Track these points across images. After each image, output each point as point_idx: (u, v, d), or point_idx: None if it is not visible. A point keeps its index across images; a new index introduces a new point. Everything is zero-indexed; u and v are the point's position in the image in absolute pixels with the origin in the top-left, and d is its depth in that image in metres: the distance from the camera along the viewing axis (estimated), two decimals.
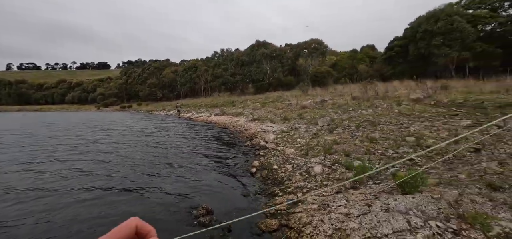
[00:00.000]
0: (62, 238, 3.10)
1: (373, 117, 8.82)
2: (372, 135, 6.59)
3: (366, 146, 5.84)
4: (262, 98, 24.68)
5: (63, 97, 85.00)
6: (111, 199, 4.21)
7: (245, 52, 46.58)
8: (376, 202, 3.17)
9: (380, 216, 2.85)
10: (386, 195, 3.35)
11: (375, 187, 3.75)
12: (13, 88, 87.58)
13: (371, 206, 3.13)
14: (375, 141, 6.14)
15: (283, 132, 8.99)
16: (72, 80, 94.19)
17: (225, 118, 17.57)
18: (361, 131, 7.33)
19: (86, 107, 69.10)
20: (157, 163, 6.64)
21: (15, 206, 3.97)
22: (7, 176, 5.57)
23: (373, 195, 3.43)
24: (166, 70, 68.33)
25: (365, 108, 10.84)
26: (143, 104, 57.20)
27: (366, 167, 4.27)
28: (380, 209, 2.99)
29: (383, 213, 2.90)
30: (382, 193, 3.43)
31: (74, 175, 5.60)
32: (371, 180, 4.08)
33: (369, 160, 4.92)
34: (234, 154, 7.46)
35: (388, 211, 2.93)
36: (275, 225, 3.15)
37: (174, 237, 3.09)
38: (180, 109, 30.05)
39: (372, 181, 4.02)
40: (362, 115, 9.48)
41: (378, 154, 5.28)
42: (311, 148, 6.37)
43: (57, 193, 4.49)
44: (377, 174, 4.27)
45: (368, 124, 7.97)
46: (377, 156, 5.17)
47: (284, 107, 16.01)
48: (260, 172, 5.37)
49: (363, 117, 9.14)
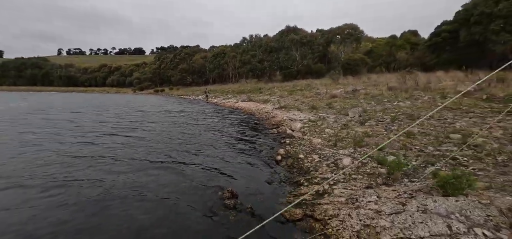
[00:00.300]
0: (116, 202, 3.51)
1: (411, 110, 8.10)
2: (409, 129, 6.07)
3: (402, 141, 5.40)
4: (289, 86, 24.21)
5: (104, 80, 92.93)
6: (151, 171, 4.72)
7: (274, 38, 45.75)
8: (412, 202, 2.93)
9: (415, 217, 2.63)
10: (423, 195, 3.08)
11: (411, 185, 3.47)
12: (63, 72, 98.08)
13: (405, 205, 2.90)
14: (412, 135, 5.65)
15: (310, 121, 8.75)
16: (111, 65, 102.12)
17: (251, 104, 17.66)
18: (396, 124, 6.80)
19: (123, 90, 74.87)
20: (188, 142, 7.13)
21: (85, 170, 4.65)
22: (73, 147, 6.35)
23: (408, 194, 3.18)
24: (196, 56, 70.39)
25: (403, 99, 9.99)
26: (174, 89, 60.09)
27: (402, 163, 3.96)
28: (416, 209, 2.76)
29: (419, 214, 2.68)
30: (419, 193, 3.16)
31: (121, 148, 6.43)
32: (406, 177, 3.78)
33: (404, 156, 4.56)
34: (260, 140, 7.49)
35: (425, 212, 2.69)
36: (299, 214, 3.11)
37: (201, 215, 3.23)
38: (208, 94, 30.95)
39: (408, 179, 3.72)
40: (398, 107, 8.77)
41: (415, 150, 4.86)
42: (340, 139, 6.10)
43: (110, 161, 5.30)
44: (413, 171, 3.94)
45: (406, 117, 7.35)
46: (414, 152, 4.76)
47: (313, 95, 15.52)
48: (286, 160, 5.32)
49: (400, 109, 8.45)
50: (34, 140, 7.23)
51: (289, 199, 3.60)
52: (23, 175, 4.47)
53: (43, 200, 3.57)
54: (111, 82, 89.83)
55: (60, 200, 3.56)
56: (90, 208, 3.35)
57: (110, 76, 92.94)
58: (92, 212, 3.24)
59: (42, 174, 4.49)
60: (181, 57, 74.91)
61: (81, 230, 2.88)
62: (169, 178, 4.44)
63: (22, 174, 4.49)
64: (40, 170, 4.72)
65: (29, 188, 3.93)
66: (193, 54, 73.93)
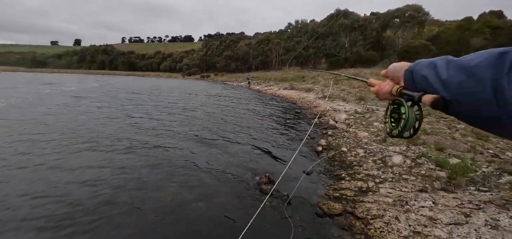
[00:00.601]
0: (176, 164, 4.19)
1: None
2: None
3: (470, 142, 4.60)
4: (335, 74, 22.77)
5: (158, 66, 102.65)
6: (201, 147, 5.41)
7: (321, 23, 43.26)
8: (479, 214, 2.50)
9: (482, 232, 2.24)
10: (495, 208, 2.59)
11: (479, 195, 2.94)
12: (125, 58, 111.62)
13: (470, 216, 2.49)
14: (485, 137, 4.75)
15: (357, 113, 8.13)
16: (165, 52, 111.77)
17: (293, 93, 17.28)
18: (464, 123, 5.79)
19: (174, 75, 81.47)
20: (231, 125, 7.64)
21: (154, 138, 5.72)
22: (142, 120, 7.38)
23: (474, 204, 2.71)
24: (240, 43, 71.64)
25: None
26: (219, 75, 62.73)
27: (468, 167, 3.39)
28: (484, 224, 2.34)
29: (487, 229, 2.26)
30: (489, 204, 2.67)
31: (179, 125, 7.51)
32: (472, 184, 3.22)
33: (472, 160, 3.88)
34: (300, 130, 7.32)
35: (496, 228, 2.26)
36: (338, 209, 2.96)
37: (237, 197, 3.36)
38: (251, 81, 31.40)
39: (475, 187, 3.17)
40: None
41: (488, 155, 4.08)
42: None
43: (171, 134, 6.40)
44: (483, 178, 3.33)
45: None
46: (486, 157, 4.01)
47: (361, 86, 14.30)
48: (327, 152, 5.09)
49: None
50: (110, 113, 8.67)
51: (328, 192, 3.46)
52: (109, 139, 5.69)
53: (124, 160, 4.43)
54: (164, 67, 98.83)
55: (137, 160, 4.46)
56: (157, 170, 4.11)
57: (163, 62, 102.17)
58: (157, 173, 4.00)
59: (125, 138, 5.71)
60: (226, 44, 77.26)
61: (148, 182, 3.72)
62: (214, 155, 4.94)
63: (109, 138, 5.73)
64: (123, 135, 5.82)
65: (116, 149, 5.05)
66: (237, 41, 75.43)
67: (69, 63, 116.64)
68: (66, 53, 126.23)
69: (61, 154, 4.64)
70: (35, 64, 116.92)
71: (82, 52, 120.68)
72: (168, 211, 2.96)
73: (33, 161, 4.27)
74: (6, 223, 2.63)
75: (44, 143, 5.22)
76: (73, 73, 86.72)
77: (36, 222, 2.67)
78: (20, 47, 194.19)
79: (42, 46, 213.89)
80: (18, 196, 3.17)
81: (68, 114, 8.67)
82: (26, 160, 4.32)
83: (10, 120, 7.42)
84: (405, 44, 28.72)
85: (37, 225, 2.62)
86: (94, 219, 2.74)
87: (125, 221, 2.76)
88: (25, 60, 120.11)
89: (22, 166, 4.08)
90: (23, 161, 4.27)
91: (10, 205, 2.97)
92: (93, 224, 2.67)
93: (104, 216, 2.81)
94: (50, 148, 4.93)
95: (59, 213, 2.83)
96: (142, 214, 2.89)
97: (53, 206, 2.96)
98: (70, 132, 6.24)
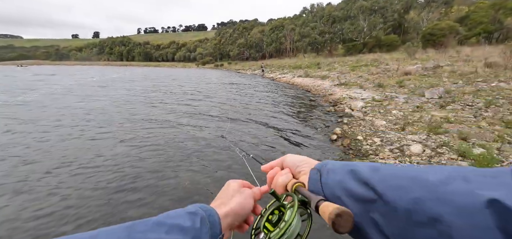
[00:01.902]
0: (186, 145, 4.12)
1: None
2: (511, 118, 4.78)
3: (497, 131, 4.33)
4: (352, 61, 21.98)
5: (173, 56, 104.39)
6: (221, 131, 5.83)
7: (338, 6, 41.40)
8: None
9: None
10: None
11: None
12: (141, 48, 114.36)
13: None
14: None
15: (374, 101, 7.87)
16: (179, 42, 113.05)
17: (308, 80, 16.96)
18: (492, 111, 5.43)
19: (188, 65, 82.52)
20: (246, 112, 7.84)
21: (185, 119, 6.29)
22: (173, 106, 7.70)
23: None
24: (253, 30, 70.67)
25: (507, 80, 7.81)
26: (232, 63, 62.65)
27: (494, 158, 3.22)
28: None
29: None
30: None
31: (204, 110, 8.20)
32: None
33: (499, 150, 3.66)
34: (315, 117, 7.24)
35: None
36: None
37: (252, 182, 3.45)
38: (264, 69, 31.12)
39: None
40: (499, 89, 6.93)
41: None
42: (410, 123, 5.32)
43: (201, 116, 7.05)
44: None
45: (508, 102, 5.78)
46: None
47: (380, 72, 13.73)
48: (342, 140, 5.02)
49: (501, 91, 6.67)
50: (133, 100, 9.02)
51: None
52: (142, 121, 6.45)
53: (158, 136, 4.90)
54: (178, 57, 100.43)
55: (169, 137, 5.20)
56: (188, 144, 4.89)
57: (178, 52, 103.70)
58: (188, 147, 4.65)
59: (158, 118, 6.66)
60: (239, 32, 76.58)
61: (181, 157, 4.17)
62: (230, 141, 5.03)
63: (142, 120, 6.56)
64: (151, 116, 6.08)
65: (149, 125, 6.08)
66: (251, 28, 74.44)
67: (90, 55, 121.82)
68: (86, 46, 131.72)
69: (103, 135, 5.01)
70: (59, 57, 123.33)
71: (100, 44, 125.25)
72: (185, 196, 3.12)
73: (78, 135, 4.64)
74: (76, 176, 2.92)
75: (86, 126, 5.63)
76: (93, 65, 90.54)
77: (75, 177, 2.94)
78: (44, 41, 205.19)
79: (64, 39, 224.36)
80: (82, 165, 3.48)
81: (107, 100, 9.24)
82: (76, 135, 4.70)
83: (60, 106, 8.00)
84: (430, 26, 26.84)
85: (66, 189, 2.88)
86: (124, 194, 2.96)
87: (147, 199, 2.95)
88: (49, 53, 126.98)
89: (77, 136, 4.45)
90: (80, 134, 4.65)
91: (80, 166, 3.27)
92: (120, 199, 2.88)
93: (128, 191, 3.02)
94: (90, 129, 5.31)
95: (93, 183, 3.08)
96: (162, 194, 3.07)
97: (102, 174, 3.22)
98: (102, 116, 6.74)
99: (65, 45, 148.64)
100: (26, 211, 2.76)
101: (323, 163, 0.48)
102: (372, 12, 34.76)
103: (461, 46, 20.06)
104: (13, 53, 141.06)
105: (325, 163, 0.47)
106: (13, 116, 7.19)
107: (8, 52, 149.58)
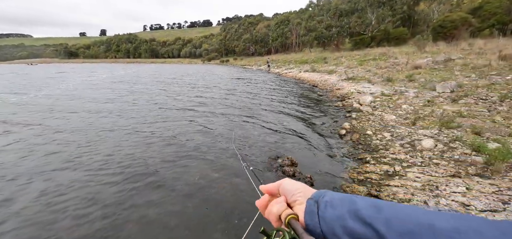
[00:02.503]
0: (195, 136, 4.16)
1: None
2: None
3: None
4: (360, 55, 21.59)
5: (179, 52, 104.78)
6: (230, 124, 5.58)
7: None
8: None
9: None
10: None
11: None
12: (148, 45, 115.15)
13: (508, 203, 2.34)
14: None
15: (383, 95, 7.74)
16: (184, 38, 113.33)
17: (315, 75, 16.79)
18: (507, 105, 5.28)
19: (194, 61, 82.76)
20: (253, 107, 7.89)
21: (198, 108, 5.92)
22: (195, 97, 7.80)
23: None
24: (259, 25, 70.15)
25: None
26: (238, 59, 62.49)
27: (509, 152, 3.14)
28: None
29: None
30: None
31: (219, 103, 8.25)
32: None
33: None
34: (322, 113, 7.19)
35: None
36: (362, 192, 2.94)
37: (260, 177, 3.45)
38: (270, 64, 30.95)
39: None
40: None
41: None
42: (421, 118, 5.22)
43: (213, 108, 6.96)
44: None
45: None
46: None
47: (388, 66, 13.46)
48: (350, 135, 4.98)
49: None
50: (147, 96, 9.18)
51: (352, 175, 3.43)
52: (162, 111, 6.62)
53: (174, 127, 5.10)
54: (184, 53, 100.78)
55: (185, 128, 5.26)
56: (201, 135, 5.21)
57: (183, 48, 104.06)
58: (200, 139, 4.51)
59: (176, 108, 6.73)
60: (244, 27, 76.14)
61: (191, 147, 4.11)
62: (238, 136, 5.13)
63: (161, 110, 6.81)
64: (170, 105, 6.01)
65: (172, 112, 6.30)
66: (256, 23, 73.91)
67: (97, 52, 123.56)
68: (94, 43, 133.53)
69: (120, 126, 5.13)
70: (68, 55, 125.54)
71: (107, 41, 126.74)
72: (196, 189, 3.16)
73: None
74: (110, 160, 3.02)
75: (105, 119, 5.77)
76: (101, 62, 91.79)
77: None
78: (53, 39, 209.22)
79: (72, 38, 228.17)
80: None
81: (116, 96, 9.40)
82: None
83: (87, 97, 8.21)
84: (441, 19, 26.04)
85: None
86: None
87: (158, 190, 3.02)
88: (58, 52, 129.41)
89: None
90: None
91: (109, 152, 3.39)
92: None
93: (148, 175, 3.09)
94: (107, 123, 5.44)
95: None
96: (174, 188, 3.12)
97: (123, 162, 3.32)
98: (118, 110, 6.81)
99: (73, 43, 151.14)
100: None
101: (321, 193, 0.46)
102: (380, 5, 33.95)
103: (474, 38, 19.41)
104: (24, 52, 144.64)
105: (323, 194, 0.45)
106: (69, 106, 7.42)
107: (19, 50, 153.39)
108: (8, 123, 6.20)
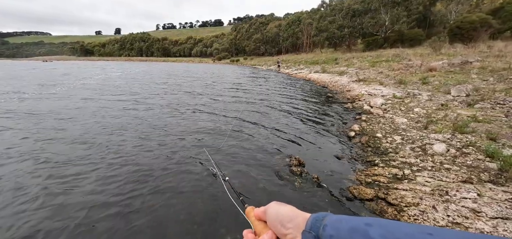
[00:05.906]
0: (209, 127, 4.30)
1: None
2: None
3: None
4: (372, 56, 21.18)
5: (190, 51, 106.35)
6: (240, 123, 5.68)
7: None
8: None
9: None
10: None
11: None
12: (160, 44, 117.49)
13: None
14: None
15: (395, 98, 7.60)
16: (196, 37, 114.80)
17: (325, 76, 16.63)
18: None
19: (205, 60, 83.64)
20: (261, 106, 8.03)
21: (220, 105, 6.25)
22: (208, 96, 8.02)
23: None
24: (270, 25, 70.00)
25: None
26: (248, 59, 62.64)
27: None
28: None
29: None
30: None
31: (231, 101, 8.32)
32: None
33: None
34: (332, 114, 7.14)
35: None
36: (370, 194, 2.93)
37: (268, 176, 3.49)
38: (280, 64, 30.90)
39: None
40: None
41: None
42: (433, 122, 5.10)
43: (225, 106, 7.02)
44: None
45: None
46: None
47: (401, 68, 13.15)
48: (359, 137, 4.94)
49: None
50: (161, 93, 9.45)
51: (360, 177, 3.42)
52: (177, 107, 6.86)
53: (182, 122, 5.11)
54: (195, 52, 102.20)
55: (199, 124, 5.25)
56: (212, 133, 5.21)
57: (195, 47, 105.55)
58: (210, 138, 4.66)
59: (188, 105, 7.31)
60: (255, 27, 76.18)
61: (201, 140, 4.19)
62: (247, 136, 5.20)
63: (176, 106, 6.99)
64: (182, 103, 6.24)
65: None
66: (267, 23, 73.79)
67: (111, 50, 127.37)
68: (109, 42, 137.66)
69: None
70: (84, 52, 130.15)
71: (122, 40, 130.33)
72: (205, 184, 3.25)
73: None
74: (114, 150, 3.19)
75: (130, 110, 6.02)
76: (116, 60, 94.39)
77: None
78: (70, 37, 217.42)
79: (88, 36, 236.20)
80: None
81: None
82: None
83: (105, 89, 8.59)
84: (458, 19, 25.08)
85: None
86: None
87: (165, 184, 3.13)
88: (75, 49, 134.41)
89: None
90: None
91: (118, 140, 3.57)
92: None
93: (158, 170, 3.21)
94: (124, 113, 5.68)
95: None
96: (182, 182, 3.23)
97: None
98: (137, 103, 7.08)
99: (89, 41, 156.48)
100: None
101: (317, 219, 0.36)
102: (394, 5, 33.03)
103: (494, 41, 18.60)
104: (43, 49, 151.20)
105: (321, 222, 0.35)
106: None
107: (39, 48, 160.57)
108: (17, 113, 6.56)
